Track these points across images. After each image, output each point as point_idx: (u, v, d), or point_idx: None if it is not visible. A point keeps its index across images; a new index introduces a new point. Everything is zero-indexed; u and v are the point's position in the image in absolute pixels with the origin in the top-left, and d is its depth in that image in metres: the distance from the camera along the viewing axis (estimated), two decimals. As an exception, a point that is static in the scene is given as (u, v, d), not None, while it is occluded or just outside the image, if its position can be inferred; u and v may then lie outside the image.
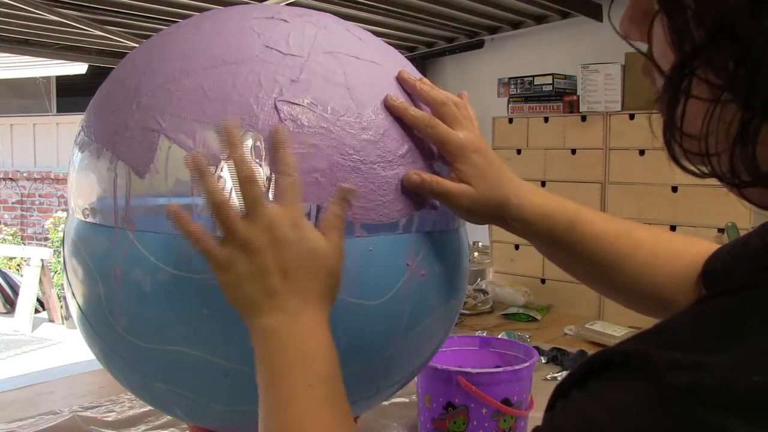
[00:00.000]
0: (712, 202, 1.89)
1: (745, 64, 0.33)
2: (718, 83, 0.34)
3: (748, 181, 0.35)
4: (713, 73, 0.34)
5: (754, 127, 0.33)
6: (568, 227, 0.69)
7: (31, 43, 2.69)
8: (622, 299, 0.74)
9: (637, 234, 0.71)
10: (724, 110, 0.34)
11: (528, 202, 0.68)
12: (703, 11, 0.34)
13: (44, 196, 7.38)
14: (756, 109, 0.33)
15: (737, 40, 0.33)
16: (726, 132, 0.35)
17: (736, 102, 0.34)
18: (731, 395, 0.31)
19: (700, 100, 0.35)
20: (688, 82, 0.35)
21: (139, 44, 0.83)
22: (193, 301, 0.59)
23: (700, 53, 0.34)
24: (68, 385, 1.33)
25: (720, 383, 0.31)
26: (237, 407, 0.64)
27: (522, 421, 1.01)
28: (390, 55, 0.71)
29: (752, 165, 0.34)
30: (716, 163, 0.36)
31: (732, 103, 0.34)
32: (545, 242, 0.71)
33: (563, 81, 2.28)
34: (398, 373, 0.70)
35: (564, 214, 0.69)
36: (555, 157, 2.21)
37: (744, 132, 0.34)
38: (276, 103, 0.59)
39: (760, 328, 0.33)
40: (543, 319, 1.94)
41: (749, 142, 0.34)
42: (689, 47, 0.35)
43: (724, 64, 0.34)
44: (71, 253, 0.67)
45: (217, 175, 0.58)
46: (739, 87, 0.33)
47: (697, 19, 0.34)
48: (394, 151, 0.63)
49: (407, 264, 0.63)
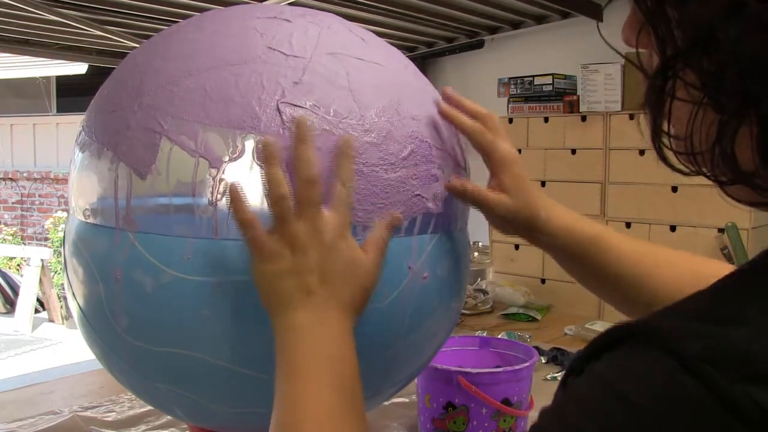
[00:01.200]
0: (712, 202, 1.89)
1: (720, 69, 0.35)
2: (697, 86, 0.36)
3: (730, 179, 0.37)
4: (694, 77, 0.36)
5: (731, 128, 0.35)
6: (592, 243, 0.71)
7: (31, 43, 2.69)
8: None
9: (659, 255, 0.73)
10: (705, 112, 0.37)
11: (555, 217, 0.71)
12: (683, 18, 0.36)
13: (44, 196, 7.37)
14: (731, 110, 0.35)
15: (713, 47, 0.35)
16: (707, 132, 0.37)
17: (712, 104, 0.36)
18: (752, 366, 0.31)
19: (683, 102, 0.37)
20: (672, 84, 0.38)
21: (139, 44, 0.83)
22: (193, 303, 0.59)
23: (681, 57, 0.37)
24: (68, 385, 1.33)
25: (741, 354, 0.32)
26: (237, 408, 0.64)
27: (522, 421, 1.01)
28: (393, 57, 0.71)
29: (732, 164, 0.36)
30: (701, 161, 0.38)
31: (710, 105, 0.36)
32: (569, 257, 0.73)
33: (563, 81, 2.28)
34: (399, 373, 0.70)
35: (588, 230, 0.71)
36: (555, 157, 2.22)
37: (721, 133, 0.36)
38: (279, 105, 0.59)
39: None
40: (543, 319, 1.94)
41: (727, 143, 0.36)
42: (671, 52, 0.37)
43: (702, 68, 0.36)
44: (72, 254, 0.67)
45: (218, 177, 0.58)
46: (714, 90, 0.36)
47: (678, 25, 0.37)
48: (396, 154, 0.63)
49: (409, 267, 0.63)
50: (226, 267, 0.58)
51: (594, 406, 0.35)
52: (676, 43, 0.37)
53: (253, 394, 0.62)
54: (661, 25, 0.38)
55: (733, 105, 0.35)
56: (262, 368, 0.60)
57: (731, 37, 0.34)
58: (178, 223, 0.59)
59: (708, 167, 0.38)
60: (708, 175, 0.38)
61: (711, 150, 0.37)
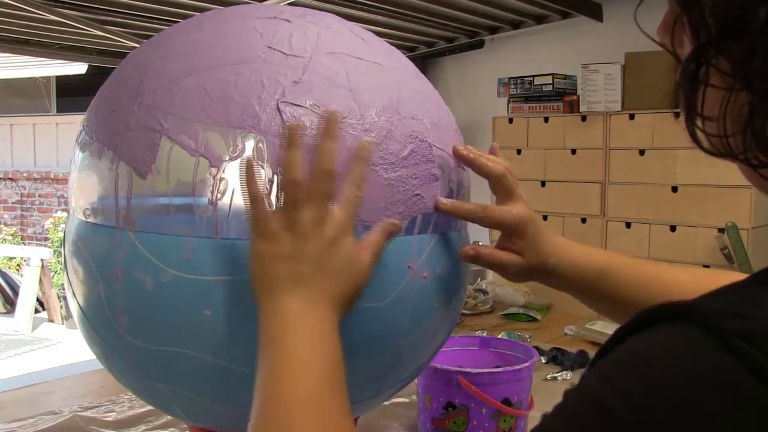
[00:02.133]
0: (712, 202, 1.89)
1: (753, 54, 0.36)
2: (729, 71, 0.37)
3: (762, 162, 0.38)
4: (726, 62, 0.38)
5: (763, 110, 0.37)
6: (600, 277, 0.72)
7: (31, 43, 2.69)
8: None
9: (668, 275, 0.73)
10: (737, 95, 0.38)
11: (563, 259, 0.71)
12: (717, 7, 0.38)
13: (44, 196, 7.38)
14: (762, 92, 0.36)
15: (746, 32, 0.36)
16: (739, 115, 0.38)
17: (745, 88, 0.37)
18: None
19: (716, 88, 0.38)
20: (705, 71, 0.39)
21: (139, 44, 0.83)
22: (194, 302, 0.59)
23: (714, 44, 0.38)
24: (68, 385, 1.33)
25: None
26: (237, 407, 0.64)
27: (522, 421, 1.01)
28: (393, 56, 0.71)
29: (763, 146, 0.37)
30: (734, 144, 0.39)
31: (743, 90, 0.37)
32: (581, 293, 0.74)
33: (563, 81, 2.28)
34: (399, 374, 0.70)
35: (596, 264, 0.72)
36: (555, 157, 2.22)
37: (753, 115, 0.37)
38: (278, 105, 0.59)
39: None
40: (543, 319, 1.94)
41: (759, 124, 0.37)
42: (704, 39, 0.38)
43: (734, 53, 0.37)
44: (72, 253, 0.67)
45: (219, 176, 0.58)
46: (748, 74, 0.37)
47: (712, 13, 0.38)
48: (396, 153, 0.63)
49: (409, 266, 0.63)
50: (226, 266, 0.58)
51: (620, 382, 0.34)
52: (709, 31, 0.38)
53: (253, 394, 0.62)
54: (695, 13, 0.39)
55: (764, 87, 0.36)
56: (262, 368, 0.60)
57: (761, 19, 0.35)
58: (178, 223, 0.59)
59: (740, 150, 0.38)
60: (740, 158, 0.39)
61: (743, 132, 0.38)
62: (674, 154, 1.96)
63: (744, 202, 1.83)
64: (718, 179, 1.84)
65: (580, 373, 1.60)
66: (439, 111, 0.70)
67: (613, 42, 2.33)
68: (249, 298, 0.58)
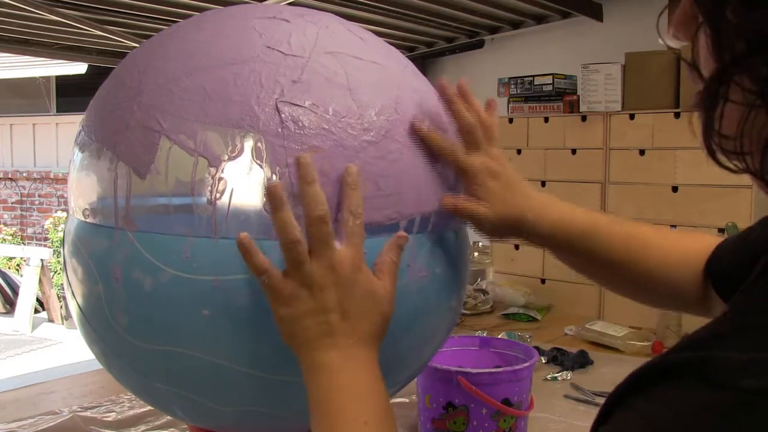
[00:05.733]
0: (712, 202, 1.89)
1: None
2: (753, 90, 0.37)
3: None
4: (749, 81, 0.37)
5: None
6: (582, 236, 0.73)
7: (31, 43, 2.69)
8: (639, 297, 0.80)
9: (645, 236, 0.75)
10: (757, 114, 0.37)
11: (544, 216, 0.72)
12: (744, 25, 0.37)
13: (44, 196, 7.38)
14: None
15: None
16: (758, 134, 0.37)
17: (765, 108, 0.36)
18: None
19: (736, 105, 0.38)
20: (726, 87, 0.38)
21: (139, 44, 0.83)
22: (193, 302, 0.59)
23: (739, 63, 0.37)
24: (68, 385, 1.34)
25: None
26: (237, 407, 0.64)
27: (522, 421, 1.01)
28: (392, 56, 0.71)
29: None
30: (750, 161, 0.39)
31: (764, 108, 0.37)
32: (563, 252, 0.75)
33: (563, 81, 2.27)
34: (399, 373, 0.70)
35: (578, 224, 0.73)
36: (555, 157, 2.21)
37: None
38: (277, 104, 0.59)
39: None
40: (543, 319, 1.94)
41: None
42: (729, 57, 0.37)
43: (760, 73, 0.36)
44: (71, 253, 0.67)
45: (218, 176, 0.58)
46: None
47: (738, 31, 0.37)
48: (395, 153, 0.63)
49: (408, 265, 0.63)
50: (225, 266, 0.58)
51: None
52: (733, 49, 0.37)
53: (253, 394, 0.62)
54: (720, 28, 0.38)
55: None
56: (261, 367, 0.60)
57: None
58: (177, 223, 0.59)
59: (757, 168, 0.38)
60: (757, 175, 0.39)
61: (762, 152, 0.37)
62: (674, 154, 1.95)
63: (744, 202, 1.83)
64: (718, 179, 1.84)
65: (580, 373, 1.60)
66: (438, 111, 0.70)
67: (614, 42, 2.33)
68: (247, 297, 0.58)
